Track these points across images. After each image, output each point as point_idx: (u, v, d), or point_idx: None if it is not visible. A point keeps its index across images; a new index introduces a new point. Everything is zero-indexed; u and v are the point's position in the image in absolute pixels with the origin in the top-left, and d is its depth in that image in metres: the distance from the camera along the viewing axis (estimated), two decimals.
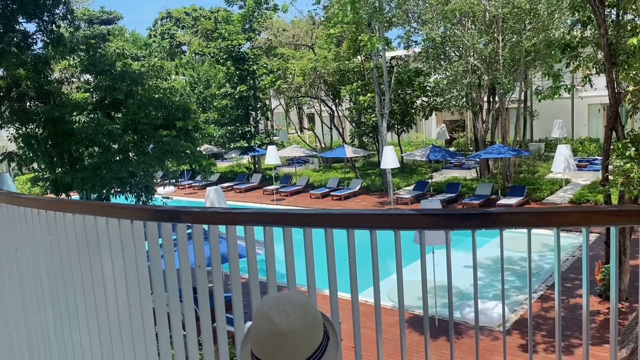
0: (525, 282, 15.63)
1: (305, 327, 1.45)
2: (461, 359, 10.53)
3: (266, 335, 1.44)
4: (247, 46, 29.88)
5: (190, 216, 2.09)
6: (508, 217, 1.67)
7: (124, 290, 2.37)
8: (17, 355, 3.27)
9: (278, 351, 1.43)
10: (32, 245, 2.84)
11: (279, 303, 1.47)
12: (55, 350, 2.85)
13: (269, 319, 1.43)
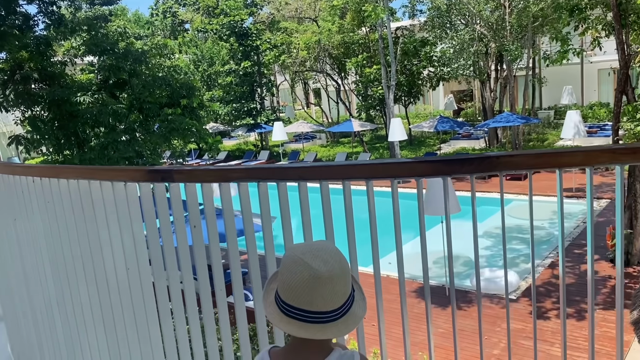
0: (537, 250, 15.55)
1: (341, 273, 1.44)
2: (471, 326, 10.56)
3: (303, 281, 1.41)
4: (249, 21, 29.53)
5: (182, 175, 2.05)
6: (508, 159, 1.60)
7: (121, 254, 2.33)
8: (22, 326, 3.29)
9: (316, 296, 1.41)
10: (30, 214, 2.81)
11: (313, 249, 1.46)
12: (58, 319, 2.84)
13: (305, 264, 1.41)
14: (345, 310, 1.47)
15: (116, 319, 2.47)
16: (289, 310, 1.45)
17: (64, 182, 2.48)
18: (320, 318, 1.43)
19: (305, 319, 1.43)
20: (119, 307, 2.42)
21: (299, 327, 1.44)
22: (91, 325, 2.61)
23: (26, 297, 3.16)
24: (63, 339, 2.85)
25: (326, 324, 1.44)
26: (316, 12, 30.26)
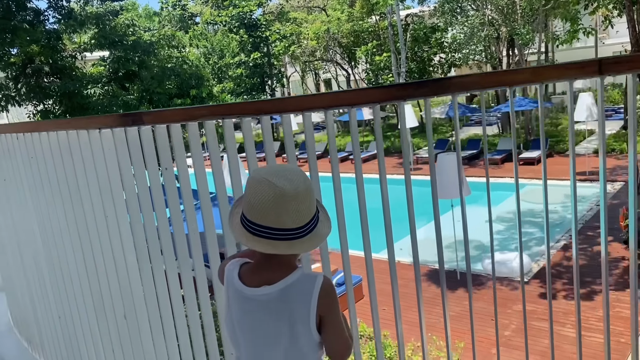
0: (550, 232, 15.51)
1: (305, 191, 1.48)
2: (482, 308, 10.56)
3: (269, 199, 1.45)
4: (258, 12, 29.55)
5: (151, 116, 2.09)
6: (459, 80, 1.61)
7: (100, 202, 2.39)
8: (15, 281, 3.38)
9: (282, 213, 1.45)
10: (16, 172, 2.88)
11: (277, 170, 1.49)
12: (46, 272, 2.91)
13: (271, 183, 1.45)
14: (311, 228, 1.51)
15: (98, 267, 2.52)
16: (256, 229, 1.48)
17: (44, 135, 2.54)
18: (287, 235, 1.47)
19: (272, 236, 1.47)
20: (99, 254, 2.48)
21: (266, 245, 1.48)
22: (75, 275, 2.67)
23: (18, 254, 3.24)
24: (52, 293, 2.93)
25: (293, 241, 1.48)
26: (325, 1, 30.19)
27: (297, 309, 1.52)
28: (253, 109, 1.87)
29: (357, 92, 1.73)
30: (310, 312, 1.51)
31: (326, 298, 1.52)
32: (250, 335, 1.59)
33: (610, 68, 1.52)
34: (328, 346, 1.59)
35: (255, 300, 1.54)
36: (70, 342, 2.94)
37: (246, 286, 1.56)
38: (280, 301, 1.52)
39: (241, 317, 1.59)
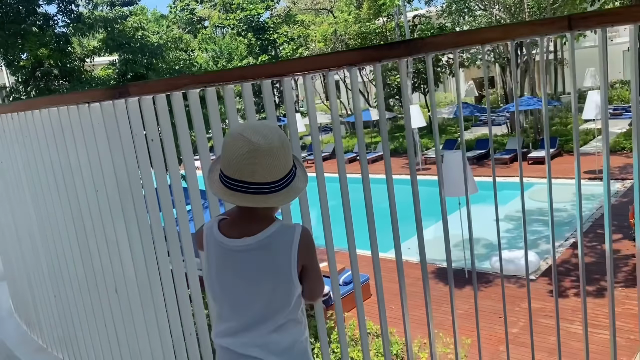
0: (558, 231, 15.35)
1: (280, 146, 1.50)
2: (489, 306, 10.52)
3: (244, 153, 1.48)
4: (266, 15, 29.71)
5: (137, 87, 2.13)
6: (432, 40, 1.63)
7: (90, 177, 2.42)
8: (14, 265, 3.43)
9: (257, 167, 1.48)
10: (12, 153, 2.93)
11: (252, 127, 1.52)
12: (42, 252, 2.96)
13: (245, 138, 1.48)
14: (287, 183, 1.54)
15: (90, 243, 2.56)
16: (233, 184, 1.52)
17: (37, 114, 2.59)
18: (262, 189, 1.50)
19: (248, 190, 1.50)
20: (91, 229, 2.52)
21: (243, 198, 1.52)
22: (69, 252, 2.71)
23: (17, 242, 3.29)
24: (47, 272, 2.98)
25: (269, 194, 1.51)
26: (332, 3, 30.29)
27: (278, 259, 1.55)
28: (236, 76, 1.90)
29: (336, 55, 1.76)
30: (291, 262, 1.54)
31: (306, 247, 1.56)
32: (231, 287, 1.61)
33: (580, 23, 1.53)
34: (307, 290, 1.64)
35: (235, 251, 1.57)
36: (65, 321, 2.98)
37: (226, 237, 1.59)
38: (261, 251, 1.55)
39: (222, 270, 1.62)
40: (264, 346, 1.59)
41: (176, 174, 2.22)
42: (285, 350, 1.61)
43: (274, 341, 1.59)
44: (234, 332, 1.62)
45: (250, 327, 1.60)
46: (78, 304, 2.80)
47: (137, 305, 2.46)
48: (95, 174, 2.41)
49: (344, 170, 2.02)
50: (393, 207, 2.01)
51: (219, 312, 1.68)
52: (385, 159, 1.98)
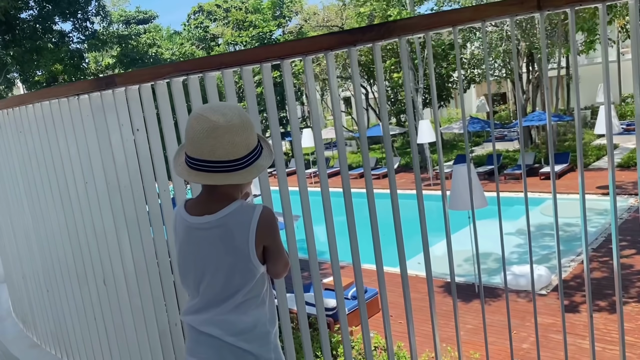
0: (569, 246, 15.18)
1: (241, 124, 1.51)
2: (500, 321, 10.38)
3: (203, 131, 1.49)
4: (278, 33, 30.00)
5: (122, 78, 2.17)
6: (404, 22, 1.65)
7: (80, 170, 2.46)
8: (11, 263, 3.47)
9: (216, 145, 1.49)
10: (8, 149, 2.99)
11: (213, 106, 1.54)
12: (36, 247, 3.00)
13: (205, 117, 1.50)
14: (249, 162, 1.54)
15: (80, 236, 2.59)
16: (194, 163, 1.54)
17: (30, 108, 2.65)
18: (222, 167, 1.51)
19: (208, 169, 1.52)
20: (80, 221, 2.55)
21: (204, 177, 1.53)
22: (60, 245, 2.75)
23: (13, 239, 3.33)
24: (40, 267, 3.01)
25: (230, 173, 1.52)
26: (343, 21, 30.56)
27: (236, 238, 1.55)
28: (216, 63, 1.94)
29: (311, 40, 1.78)
30: (249, 241, 1.54)
31: (265, 227, 1.56)
32: (193, 265, 1.62)
33: (549, 3, 1.54)
34: (270, 269, 1.64)
35: (196, 229, 1.59)
36: (57, 316, 3.00)
37: (190, 215, 1.61)
38: (220, 229, 1.56)
39: (185, 247, 1.64)
40: (222, 324, 1.59)
41: (160, 164, 2.24)
42: (244, 330, 1.59)
43: (232, 321, 1.59)
44: (196, 309, 1.63)
45: (210, 305, 1.60)
46: (69, 297, 2.83)
47: (124, 297, 2.47)
48: (84, 167, 2.45)
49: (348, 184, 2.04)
50: (397, 220, 2.01)
51: (186, 291, 1.70)
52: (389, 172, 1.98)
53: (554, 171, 1.81)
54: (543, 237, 16.25)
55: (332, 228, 2.08)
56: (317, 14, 31.72)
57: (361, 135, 1.97)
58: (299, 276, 2.14)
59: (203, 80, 2.02)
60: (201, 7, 33.79)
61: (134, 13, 31.88)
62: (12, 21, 15.92)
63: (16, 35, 16.63)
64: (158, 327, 2.39)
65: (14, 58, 16.64)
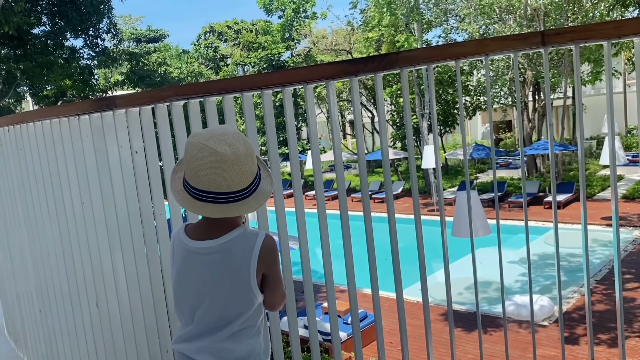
0: (572, 277, 15.02)
1: (246, 153, 1.49)
2: (502, 351, 10.23)
3: (211, 165, 1.45)
4: (286, 55, 30.26)
5: (123, 100, 2.16)
6: (406, 54, 1.63)
7: (77, 190, 2.44)
8: (5, 281, 3.44)
9: (226, 178, 1.46)
10: (7, 166, 2.98)
11: (216, 135, 1.49)
12: (30, 266, 2.97)
13: (211, 149, 1.45)
14: (254, 188, 1.52)
15: (75, 256, 2.56)
16: (201, 195, 1.49)
17: (31, 126, 2.64)
18: (232, 197, 1.49)
19: (218, 200, 1.49)
20: (76, 241, 2.52)
21: (213, 209, 1.50)
22: (55, 265, 2.71)
23: (9, 257, 3.31)
24: (34, 286, 2.97)
25: (239, 202, 1.50)
26: (351, 45, 30.83)
27: (237, 264, 1.52)
28: (217, 88, 1.93)
29: (312, 69, 1.77)
30: (250, 269, 1.51)
31: (267, 255, 1.53)
32: (190, 290, 1.59)
33: (553, 39, 1.53)
34: (268, 299, 1.61)
35: (196, 253, 1.56)
36: (49, 337, 2.96)
37: (190, 239, 1.58)
38: (221, 255, 1.53)
39: (183, 272, 1.60)
40: (217, 353, 1.55)
41: (157, 187, 2.22)
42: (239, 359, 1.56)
43: (227, 349, 1.55)
44: (190, 337, 1.59)
45: (205, 332, 1.56)
46: (61, 318, 2.79)
47: (116, 321, 2.43)
48: (82, 187, 2.43)
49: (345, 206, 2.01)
50: (395, 246, 1.97)
51: (179, 318, 1.66)
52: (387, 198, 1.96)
53: (555, 200, 1.78)
54: (546, 267, 16.10)
55: (328, 251, 2.04)
56: (326, 38, 32.03)
57: (360, 161, 1.95)
58: (293, 299, 2.10)
59: (203, 104, 2.00)
60: (212, 28, 34.20)
61: (145, 31, 32.27)
62: (24, 36, 16.13)
63: (27, 50, 16.83)
64: (149, 353, 2.34)
65: (25, 72, 16.81)
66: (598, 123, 29.95)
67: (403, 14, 24.02)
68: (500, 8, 22.78)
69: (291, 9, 30.19)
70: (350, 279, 2.05)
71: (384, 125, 1.86)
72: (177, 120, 2.06)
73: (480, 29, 23.54)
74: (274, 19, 31.90)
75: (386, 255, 2.05)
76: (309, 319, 2.14)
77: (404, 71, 1.67)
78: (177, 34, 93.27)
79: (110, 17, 19.08)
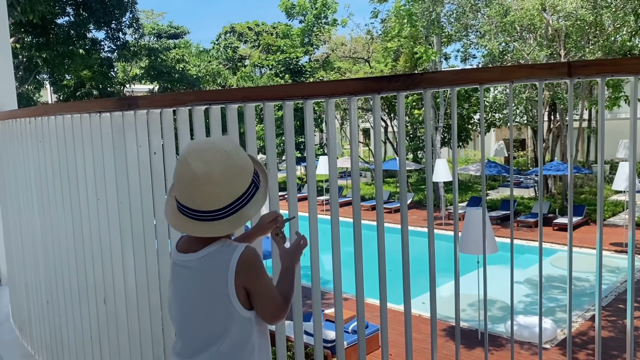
0: (577, 302, 14.87)
1: (224, 173, 1.43)
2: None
3: (185, 180, 1.44)
4: (305, 60, 30.35)
5: (146, 100, 2.18)
6: (431, 76, 1.63)
7: (93, 186, 2.46)
8: (15, 269, 3.47)
9: (196, 194, 1.43)
10: (26, 157, 3.01)
11: (200, 149, 1.46)
12: (41, 256, 2.99)
13: (187, 163, 1.43)
14: (232, 211, 1.46)
15: (86, 251, 2.58)
16: (179, 206, 1.49)
17: (52, 119, 2.67)
18: (202, 216, 1.45)
19: (190, 216, 1.46)
20: (88, 237, 2.54)
21: (186, 222, 1.47)
22: (66, 258, 2.74)
23: (20, 245, 3.34)
24: (44, 277, 3.00)
25: (210, 222, 1.45)
26: (370, 53, 30.87)
27: (214, 280, 1.47)
28: (240, 96, 1.94)
29: (336, 83, 1.78)
30: (228, 284, 1.45)
31: (245, 269, 1.46)
32: (176, 302, 1.57)
33: (580, 71, 1.52)
34: (261, 314, 1.53)
35: (179, 266, 1.55)
36: (54, 328, 2.98)
37: (177, 251, 1.56)
38: (198, 269, 1.49)
39: (172, 284, 1.59)
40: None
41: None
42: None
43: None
44: (178, 352, 1.56)
45: (193, 351, 1.52)
46: (68, 311, 2.81)
47: (122, 319, 2.44)
48: (98, 183, 2.45)
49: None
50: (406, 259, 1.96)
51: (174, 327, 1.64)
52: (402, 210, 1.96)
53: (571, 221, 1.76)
54: (551, 289, 15.96)
55: (339, 257, 2.03)
56: (345, 45, 32.10)
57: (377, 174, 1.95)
58: (300, 306, 2.10)
59: (225, 110, 2.02)
60: (233, 28, 34.41)
61: (166, 27, 32.51)
62: (47, 25, 16.31)
63: (50, 39, 17.02)
64: (153, 354, 2.35)
65: (46, 61, 16.99)
66: (613, 147, 29.72)
67: (423, 26, 24.02)
68: (522, 26, 22.71)
69: (312, 15, 30.30)
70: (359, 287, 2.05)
71: (403, 142, 1.86)
72: (197, 124, 2.07)
73: (500, 46, 23.48)
74: (295, 23, 32.09)
75: (391, 266, 2.02)
76: (315, 327, 2.14)
77: (428, 92, 1.67)
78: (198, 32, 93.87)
79: (133, 11, 19.27)
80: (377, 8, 27.08)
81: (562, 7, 20.79)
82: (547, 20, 22.45)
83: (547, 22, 22.48)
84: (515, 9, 21.55)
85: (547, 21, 22.45)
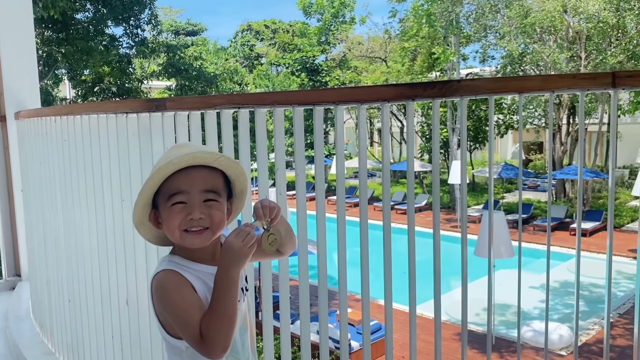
0: (594, 308, 14.68)
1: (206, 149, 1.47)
2: None
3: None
4: (321, 58, 30.33)
5: (174, 102, 2.16)
6: (469, 83, 1.59)
7: (118, 186, 2.45)
8: (37, 265, 3.48)
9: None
10: (51, 155, 3.02)
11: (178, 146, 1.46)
12: (64, 254, 2.99)
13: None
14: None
15: (109, 251, 2.57)
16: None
17: (78, 119, 2.66)
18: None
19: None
20: (112, 238, 2.53)
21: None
22: (89, 258, 2.73)
23: (42, 242, 3.35)
24: (66, 275, 3.00)
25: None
26: (387, 53, 30.75)
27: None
28: (269, 100, 1.91)
29: (368, 89, 1.75)
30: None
31: (155, 293, 1.34)
32: None
33: (624, 82, 1.47)
34: None
35: None
36: (75, 327, 2.98)
37: None
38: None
39: None
40: None
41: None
42: None
43: None
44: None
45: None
46: (90, 311, 2.80)
47: (145, 321, 2.43)
48: (123, 184, 2.43)
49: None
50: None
51: None
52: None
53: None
54: (568, 294, 15.77)
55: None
56: (362, 44, 32.01)
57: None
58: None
59: (253, 114, 1.99)
60: (250, 26, 34.49)
61: (184, 24, 32.68)
62: (67, 21, 16.45)
63: (70, 34, 17.17)
64: None
65: (65, 56, 17.15)
66: (633, 152, 29.30)
67: (442, 26, 23.87)
68: (542, 28, 22.44)
69: (330, 13, 30.26)
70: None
71: (437, 152, 1.82)
72: (225, 127, 2.05)
73: (519, 47, 23.24)
74: (312, 21, 32.08)
75: (405, 267, 2.00)
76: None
77: (464, 100, 1.63)
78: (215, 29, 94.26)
79: (152, 8, 19.38)
80: (395, 7, 26.96)
81: (584, 9, 20.50)
82: (568, 22, 22.16)
83: (568, 24, 22.19)
84: (536, 10, 21.29)
85: (568, 23, 22.15)
